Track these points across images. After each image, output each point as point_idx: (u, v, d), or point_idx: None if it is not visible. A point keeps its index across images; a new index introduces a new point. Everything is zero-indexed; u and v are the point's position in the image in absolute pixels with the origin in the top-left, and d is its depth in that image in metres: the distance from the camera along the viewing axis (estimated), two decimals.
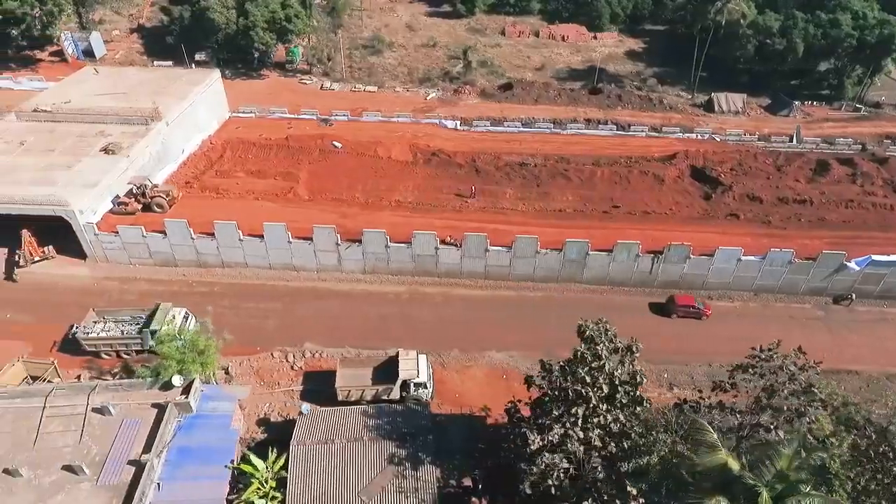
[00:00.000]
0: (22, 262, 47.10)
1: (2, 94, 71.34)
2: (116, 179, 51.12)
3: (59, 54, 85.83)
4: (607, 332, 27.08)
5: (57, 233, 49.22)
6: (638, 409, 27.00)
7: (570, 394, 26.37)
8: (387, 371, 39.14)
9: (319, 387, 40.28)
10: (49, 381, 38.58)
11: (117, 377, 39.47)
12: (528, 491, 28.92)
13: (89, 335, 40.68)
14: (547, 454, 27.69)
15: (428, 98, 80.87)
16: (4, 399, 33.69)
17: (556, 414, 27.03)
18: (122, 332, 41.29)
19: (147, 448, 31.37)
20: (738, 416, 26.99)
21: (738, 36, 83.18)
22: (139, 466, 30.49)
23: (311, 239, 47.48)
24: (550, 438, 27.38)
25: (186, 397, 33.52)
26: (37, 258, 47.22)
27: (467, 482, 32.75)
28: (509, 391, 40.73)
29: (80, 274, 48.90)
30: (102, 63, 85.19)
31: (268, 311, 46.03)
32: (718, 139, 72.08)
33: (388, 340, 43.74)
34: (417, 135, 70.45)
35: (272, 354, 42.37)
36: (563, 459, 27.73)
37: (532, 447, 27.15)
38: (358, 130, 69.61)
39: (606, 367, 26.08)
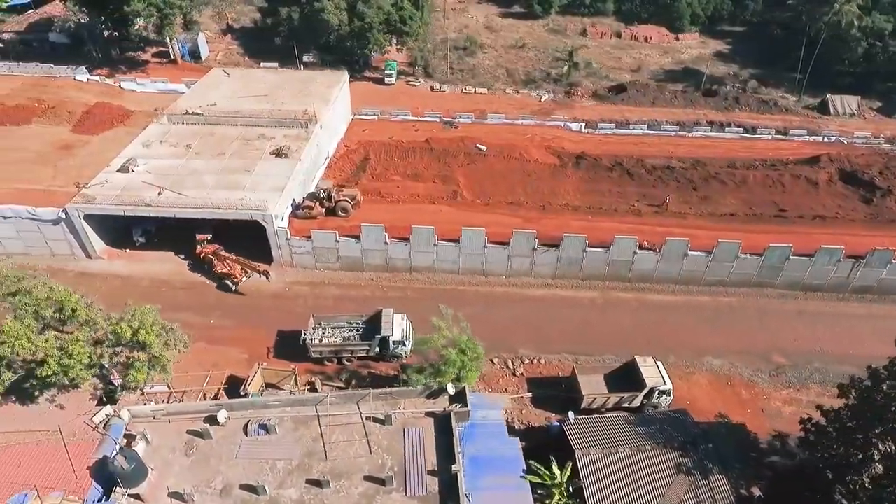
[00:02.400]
0: (237, 279, 46.48)
1: (128, 95, 70.67)
2: (295, 183, 50.75)
3: (164, 55, 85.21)
4: None
5: (224, 237, 49.19)
6: None
7: None
8: (623, 378, 38.92)
9: (548, 393, 40.14)
10: (283, 389, 38.39)
11: (353, 384, 39.20)
12: (845, 502, 28.73)
13: (314, 341, 40.27)
14: (878, 465, 27.50)
15: (542, 100, 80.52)
16: (277, 407, 33.38)
17: None
18: (344, 337, 40.95)
19: (440, 458, 31.15)
20: None
21: (848, 38, 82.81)
22: (441, 477, 30.24)
23: (504, 243, 47.18)
24: (888, 449, 27.17)
25: (463, 405, 33.22)
26: (245, 277, 46.65)
27: (756, 492, 32.41)
28: (737, 398, 40.96)
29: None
30: (207, 64, 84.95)
31: (468, 317, 45.32)
32: (845, 142, 71.80)
33: (597, 345, 43.76)
34: (545, 137, 70.10)
35: (492, 361, 42.00)
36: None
37: (875, 457, 26.91)
38: (487, 133, 69.14)
39: None
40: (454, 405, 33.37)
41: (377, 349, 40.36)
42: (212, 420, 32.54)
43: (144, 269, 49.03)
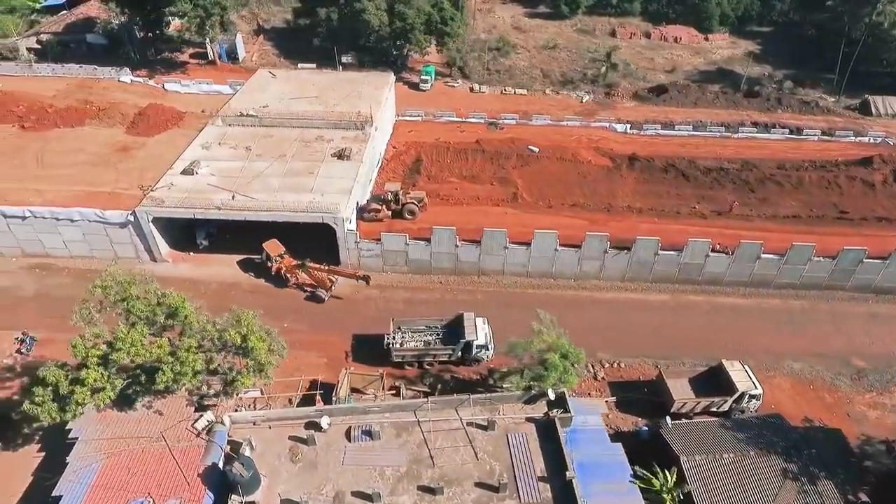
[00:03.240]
0: (328, 288, 46.15)
1: (171, 96, 69.95)
2: (359, 185, 50.48)
3: (200, 56, 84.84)
4: None
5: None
6: None
7: None
8: (709, 382, 38.72)
9: (633, 397, 39.90)
10: (367, 394, 38.13)
11: (440, 389, 38.93)
12: None
13: (397, 345, 40.00)
14: None
15: (583, 101, 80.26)
16: (376, 413, 33.13)
17: None
18: (425, 341, 40.71)
19: (548, 464, 30.92)
20: None
21: (888, 38, 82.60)
22: (553, 483, 29.99)
23: (573, 246, 46.99)
24: None
25: (564, 411, 32.99)
26: (331, 290, 46.29)
27: (863, 497, 32.16)
28: (821, 402, 40.80)
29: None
30: (244, 65, 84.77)
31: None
32: (891, 143, 71.56)
33: (674, 349, 43.65)
34: (592, 138, 69.71)
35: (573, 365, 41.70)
36: None
37: None
38: (533, 134, 68.67)
39: None
40: (555, 410, 33.12)
41: (459, 353, 40.09)
42: (312, 426, 32.32)
43: (211, 272, 48.76)
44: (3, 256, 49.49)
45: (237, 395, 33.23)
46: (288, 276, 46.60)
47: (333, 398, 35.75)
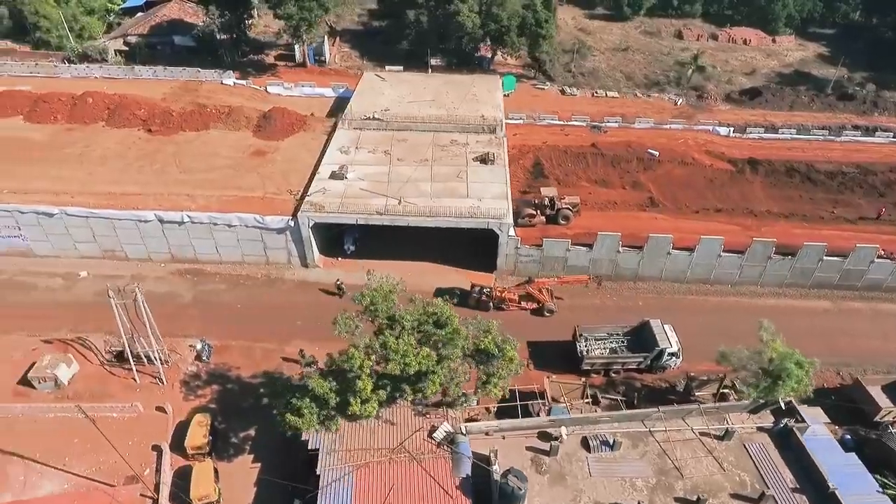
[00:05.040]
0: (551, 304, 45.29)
1: (273, 99, 69.30)
2: (508, 190, 50.16)
3: (285, 58, 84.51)
4: None
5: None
6: None
7: None
8: None
9: (831, 403, 39.42)
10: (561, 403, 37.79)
11: (636, 398, 38.58)
12: None
13: (588, 353, 39.74)
14: None
15: (678, 104, 79.92)
16: (607, 423, 32.79)
17: None
18: (611, 349, 40.45)
19: (796, 475, 30.62)
20: None
21: None
22: (809, 494, 29.68)
23: (735, 252, 46.73)
24: None
25: (796, 420, 32.69)
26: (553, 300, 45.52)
27: None
28: None
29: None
30: (331, 67, 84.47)
31: (706, 326, 44.78)
32: None
33: (847, 356, 43.77)
34: (698, 141, 69.30)
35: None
36: None
37: None
38: (640, 137, 68.03)
39: None
40: (785, 419, 32.81)
41: (650, 361, 39.79)
42: (545, 436, 31.99)
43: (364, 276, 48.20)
44: (151, 261, 49.06)
45: (465, 404, 32.77)
46: (509, 299, 44.98)
47: (544, 407, 35.41)
